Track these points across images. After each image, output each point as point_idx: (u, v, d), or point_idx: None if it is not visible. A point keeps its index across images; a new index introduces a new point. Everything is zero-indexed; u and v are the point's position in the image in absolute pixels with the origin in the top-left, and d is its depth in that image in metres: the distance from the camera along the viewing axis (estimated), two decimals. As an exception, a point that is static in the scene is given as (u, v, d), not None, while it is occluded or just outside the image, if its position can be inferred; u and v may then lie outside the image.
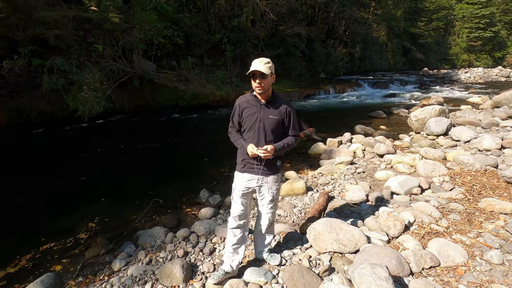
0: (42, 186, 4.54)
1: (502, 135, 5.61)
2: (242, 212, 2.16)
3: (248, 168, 2.12)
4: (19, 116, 7.72)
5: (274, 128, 2.06)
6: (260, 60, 1.94)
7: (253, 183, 2.13)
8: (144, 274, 2.42)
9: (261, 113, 2.05)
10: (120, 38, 9.50)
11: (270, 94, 2.08)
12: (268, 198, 2.19)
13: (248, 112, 2.07)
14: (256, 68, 1.90)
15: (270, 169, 2.13)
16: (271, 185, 2.16)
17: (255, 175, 2.12)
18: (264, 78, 1.94)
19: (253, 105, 2.07)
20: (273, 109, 2.06)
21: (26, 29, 7.86)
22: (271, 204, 2.22)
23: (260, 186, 2.15)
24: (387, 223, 2.69)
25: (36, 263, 2.81)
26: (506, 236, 2.55)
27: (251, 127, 2.07)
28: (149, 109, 10.13)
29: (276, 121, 2.05)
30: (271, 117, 2.04)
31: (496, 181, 3.70)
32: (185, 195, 4.17)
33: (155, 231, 3.15)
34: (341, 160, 4.97)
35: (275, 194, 2.21)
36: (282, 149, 2.09)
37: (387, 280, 1.74)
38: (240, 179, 2.15)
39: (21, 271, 2.71)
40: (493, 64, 37.34)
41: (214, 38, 13.78)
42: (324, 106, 12.28)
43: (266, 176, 2.13)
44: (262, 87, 1.96)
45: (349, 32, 22.79)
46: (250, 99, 2.09)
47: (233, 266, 2.20)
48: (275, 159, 2.14)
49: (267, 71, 1.91)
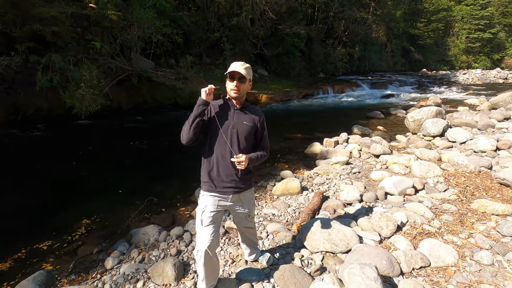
0: (36, 183, 4.53)
1: (498, 136, 5.63)
2: (214, 238, 1.82)
3: (221, 187, 1.87)
4: (15, 113, 7.69)
5: (247, 136, 1.87)
6: (241, 63, 1.79)
7: (226, 202, 1.90)
8: (136, 272, 2.42)
9: (234, 119, 1.86)
10: (118, 36, 9.47)
11: (244, 101, 1.92)
12: (244, 214, 2.02)
13: (219, 115, 1.84)
14: (236, 69, 1.75)
15: (243, 184, 1.91)
16: (245, 201, 1.98)
17: (228, 194, 1.88)
18: (242, 82, 1.80)
19: (227, 109, 1.88)
20: (247, 116, 1.89)
21: (23, 26, 7.82)
22: (247, 221, 2.07)
23: (234, 204, 1.94)
24: (380, 223, 2.71)
25: (29, 261, 2.81)
26: (497, 237, 2.57)
27: (223, 131, 1.83)
28: (146, 107, 10.11)
29: (249, 128, 1.88)
30: (245, 123, 1.86)
31: (489, 183, 3.72)
32: (180, 194, 4.17)
33: (149, 229, 3.15)
34: (337, 160, 4.98)
35: (251, 209, 2.05)
36: (256, 161, 1.87)
37: (375, 280, 1.75)
38: (209, 200, 1.87)
39: (13, 269, 2.70)
40: (491, 66, 37.51)
41: (213, 36, 13.77)
42: (322, 106, 12.30)
43: (238, 193, 1.91)
44: (239, 91, 1.80)
45: (348, 32, 22.81)
46: (222, 103, 1.90)
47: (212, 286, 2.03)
48: (248, 173, 1.94)
49: (247, 75, 1.78)
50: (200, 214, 1.87)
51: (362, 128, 7.50)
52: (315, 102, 13.07)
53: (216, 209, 1.87)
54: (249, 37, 15.03)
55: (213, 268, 1.96)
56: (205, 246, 1.80)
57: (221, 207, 1.90)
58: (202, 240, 1.83)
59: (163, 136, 7.29)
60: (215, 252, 1.91)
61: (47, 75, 7.77)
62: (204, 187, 1.92)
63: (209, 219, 1.84)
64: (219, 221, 1.92)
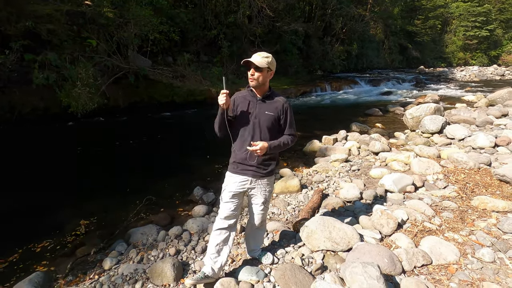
0: (33, 183, 4.47)
1: (496, 133, 5.63)
2: (232, 213, 2.05)
3: (241, 169, 2.02)
4: (11, 112, 7.59)
5: (269, 125, 1.97)
6: (260, 53, 1.90)
7: (245, 185, 2.04)
8: (135, 273, 2.39)
9: (256, 109, 1.96)
10: (115, 33, 9.35)
11: (267, 90, 2.01)
12: (260, 200, 2.12)
13: (243, 107, 1.98)
14: (251, 59, 1.85)
15: (264, 171, 2.03)
16: (264, 187, 2.09)
17: (248, 177, 2.02)
18: (259, 71, 1.88)
19: (249, 100, 1.99)
20: (269, 105, 1.98)
21: (18, 23, 7.70)
22: (263, 206, 2.16)
23: (252, 188, 2.07)
24: (380, 221, 2.69)
25: (25, 262, 2.76)
26: (498, 234, 2.56)
27: (245, 123, 1.98)
28: (144, 106, 10.02)
29: (272, 118, 1.97)
30: (267, 113, 1.96)
31: (489, 179, 3.72)
32: (179, 193, 4.14)
33: (148, 229, 3.12)
34: (336, 157, 4.96)
35: (268, 196, 2.15)
36: (277, 148, 1.98)
37: (378, 279, 1.73)
38: (232, 180, 2.05)
39: (9, 270, 2.66)
40: (488, 62, 37.64)
41: (211, 34, 13.66)
42: (320, 104, 12.27)
43: (259, 178, 2.04)
44: (255, 79, 1.90)
45: (346, 29, 22.75)
46: (246, 94, 2.02)
47: (215, 269, 2.05)
48: (269, 160, 2.05)
49: (263, 64, 1.85)
50: (222, 191, 2.10)
51: (361, 126, 7.48)
52: (312, 100, 13.04)
53: (234, 190, 2.03)
54: (246, 34, 14.93)
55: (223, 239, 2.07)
56: (222, 213, 2.04)
57: (240, 188, 2.04)
58: (220, 210, 2.07)
59: (161, 135, 7.24)
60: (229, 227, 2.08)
61: (43, 73, 7.66)
62: (229, 167, 2.10)
63: (227, 197, 2.04)
64: (238, 200, 2.07)
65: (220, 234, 2.07)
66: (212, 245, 2.07)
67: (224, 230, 2.07)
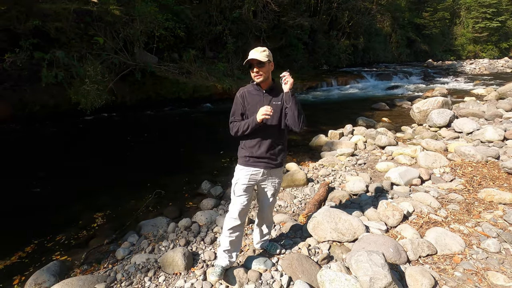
0: (47, 178, 4.60)
1: (505, 126, 5.57)
2: (245, 206, 2.07)
3: (253, 162, 2.07)
4: (22, 109, 7.77)
5: (278, 115, 2.03)
6: (256, 49, 1.94)
7: (257, 176, 2.09)
8: (147, 262, 2.48)
9: (264, 101, 2.02)
10: (121, 31, 9.43)
11: (271, 82, 2.06)
12: (271, 191, 2.18)
13: (252, 102, 2.03)
14: (252, 57, 1.90)
15: (275, 161, 2.10)
16: (274, 178, 2.16)
17: (260, 169, 2.07)
18: (262, 66, 1.93)
19: (256, 94, 2.05)
20: (275, 95, 2.04)
21: (27, 22, 7.85)
22: (272, 198, 2.22)
23: (264, 179, 2.12)
24: (386, 213, 2.72)
25: (42, 252, 2.88)
26: (504, 226, 2.57)
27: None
28: (151, 102, 10.13)
29: (279, 107, 2.02)
30: (274, 103, 2.01)
31: (497, 172, 3.70)
32: (187, 186, 4.23)
33: (158, 221, 3.21)
34: (342, 151, 4.98)
35: (277, 188, 2.21)
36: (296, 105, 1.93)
37: (383, 266, 1.77)
38: (243, 173, 2.08)
39: (28, 260, 2.79)
40: (499, 55, 36.67)
41: (216, 30, 13.64)
42: (326, 98, 12.21)
43: (270, 169, 2.10)
44: (261, 75, 1.95)
45: (352, 23, 22.43)
46: (251, 89, 2.07)
47: (231, 261, 2.17)
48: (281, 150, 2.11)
49: (264, 58, 1.90)
50: (234, 185, 2.12)
51: (367, 120, 7.45)
52: (318, 95, 12.98)
53: (247, 183, 2.07)
54: (251, 29, 14.86)
55: (237, 235, 2.12)
56: (235, 210, 2.06)
57: (252, 180, 2.08)
58: (233, 207, 2.08)
59: (168, 130, 7.34)
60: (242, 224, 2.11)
61: (52, 71, 7.81)
62: (240, 161, 2.13)
63: (240, 190, 2.07)
64: (250, 194, 2.11)
65: (233, 232, 2.10)
66: (225, 242, 2.12)
67: (237, 228, 2.10)
